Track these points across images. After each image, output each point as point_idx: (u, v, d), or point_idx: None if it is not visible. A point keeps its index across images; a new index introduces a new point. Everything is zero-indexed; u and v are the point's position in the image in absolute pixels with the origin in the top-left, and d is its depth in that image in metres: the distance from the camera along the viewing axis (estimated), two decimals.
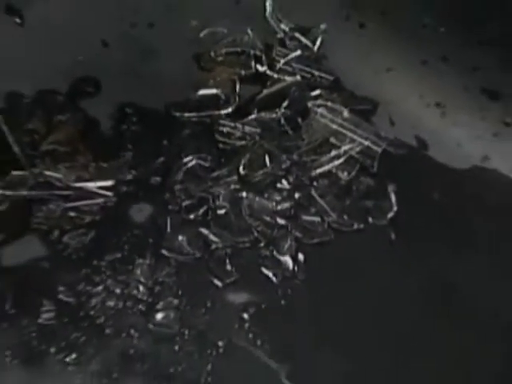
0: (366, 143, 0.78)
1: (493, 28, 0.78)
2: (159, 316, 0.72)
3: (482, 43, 0.78)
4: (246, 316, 0.73)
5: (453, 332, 0.73)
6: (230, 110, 0.79)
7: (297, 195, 0.77)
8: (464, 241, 0.75)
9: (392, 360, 0.72)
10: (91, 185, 0.77)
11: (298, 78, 0.79)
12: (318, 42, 0.79)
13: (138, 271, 0.74)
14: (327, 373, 0.71)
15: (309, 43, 0.79)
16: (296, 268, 0.75)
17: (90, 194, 0.77)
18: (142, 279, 0.74)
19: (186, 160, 0.77)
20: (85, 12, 0.79)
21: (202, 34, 0.79)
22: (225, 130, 0.78)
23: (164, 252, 0.75)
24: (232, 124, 0.79)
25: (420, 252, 0.75)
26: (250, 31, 0.80)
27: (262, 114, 0.79)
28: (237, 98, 0.79)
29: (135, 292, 0.73)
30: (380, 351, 0.72)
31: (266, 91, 0.79)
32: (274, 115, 0.78)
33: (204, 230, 0.76)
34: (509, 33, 0.79)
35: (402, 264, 0.75)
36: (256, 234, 0.76)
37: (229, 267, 0.75)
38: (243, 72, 0.79)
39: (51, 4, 0.79)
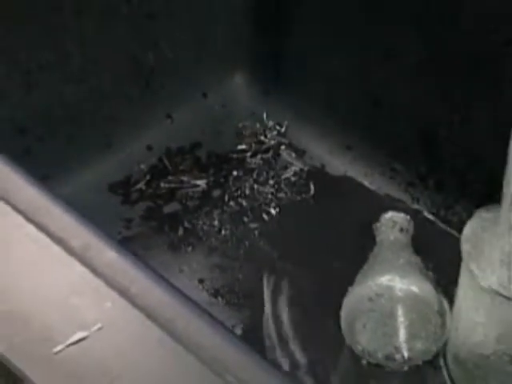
0: (301, 166, 0.82)
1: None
2: (223, 232, 0.78)
3: (355, 129, 0.81)
4: (256, 233, 0.78)
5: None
6: (249, 154, 0.83)
7: (276, 186, 0.81)
8: (336, 203, 0.79)
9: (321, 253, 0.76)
10: (198, 182, 0.81)
11: (276, 141, 0.84)
12: (284, 127, 0.84)
13: (215, 215, 0.79)
14: (298, 258, 0.76)
15: (280, 128, 0.84)
16: (275, 213, 0.80)
17: (197, 186, 0.81)
18: (216, 218, 0.79)
19: (233, 172, 0.82)
20: (198, 124, 0.85)
21: (239, 125, 0.84)
22: (247, 161, 0.83)
23: (225, 208, 0.79)
24: (250, 159, 0.83)
25: (323, 209, 0.80)
26: (257, 125, 0.85)
27: (263, 156, 0.83)
28: (252, 150, 0.84)
29: (214, 223, 0.78)
30: (312, 248, 0.77)
31: (263, 147, 0.83)
32: (266, 156, 0.83)
33: (241, 200, 0.80)
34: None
35: (315, 214, 0.80)
36: (260, 201, 0.80)
37: (249, 213, 0.79)
38: (255, 139, 0.84)
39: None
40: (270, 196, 0.81)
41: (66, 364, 0.39)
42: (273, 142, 0.84)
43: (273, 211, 0.80)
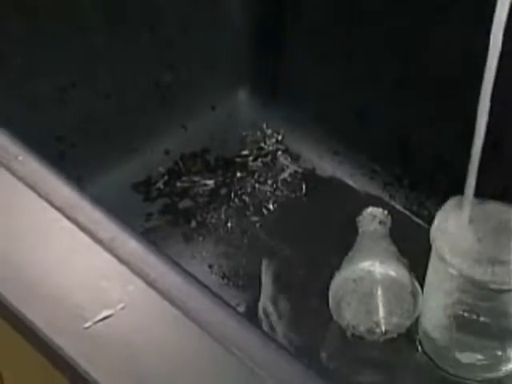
0: (295, 168, 0.82)
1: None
2: (229, 225, 0.77)
3: (341, 137, 0.81)
4: (257, 225, 0.77)
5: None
6: (251, 158, 0.83)
7: (274, 185, 0.81)
8: (325, 200, 0.79)
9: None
10: (208, 182, 0.81)
11: (274, 147, 0.83)
12: (281, 135, 0.83)
13: (222, 210, 0.78)
14: (293, 246, 0.75)
15: (278, 136, 0.83)
16: (273, 208, 0.79)
17: (207, 185, 0.81)
18: (223, 212, 0.78)
19: (237, 174, 0.81)
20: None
21: (243, 133, 0.83)
22: (250, 164, 0.82)
23: (230, 204, 0.79)
24: (252, 162, 0.83)
25: (314, 205, 0.79)
26: (258, 133, 0.85)
27: (263, 159, 0.83)
28: (253, 155, 0.83)
29: (221, 217, 0.78)
30: (305, 238, 0.76)
31: (263, 152, 0.83)
32: (266, 160, 0.82)
33: (244, 197, 0.80)
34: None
35: (307, 209, 0.79)
36: (260, 198, 0.80)
37: (251, 209, 0.79)
38: (256, 146, 0.83)
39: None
40: (268, 194, 0.81)
41: (94, 337, 0.40)
42: (271, 148, 0.84)
43: (271, 207, 0.80)
